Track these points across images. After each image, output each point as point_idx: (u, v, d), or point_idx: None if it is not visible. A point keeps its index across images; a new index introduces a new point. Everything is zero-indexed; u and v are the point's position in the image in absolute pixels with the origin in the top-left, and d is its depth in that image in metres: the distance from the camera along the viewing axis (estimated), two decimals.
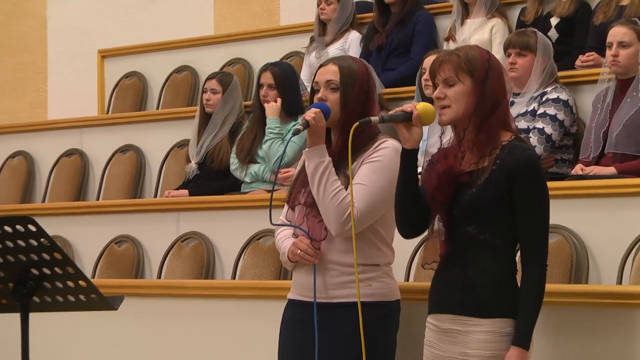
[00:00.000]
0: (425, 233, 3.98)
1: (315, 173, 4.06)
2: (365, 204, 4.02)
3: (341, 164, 4.11)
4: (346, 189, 4.04)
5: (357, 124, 3.89)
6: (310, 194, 4.15)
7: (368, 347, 4.00)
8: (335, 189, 4.03)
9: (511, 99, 5.97)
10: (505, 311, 3.71)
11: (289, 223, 4.30)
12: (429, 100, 4.69)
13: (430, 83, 4.26)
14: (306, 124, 4.03)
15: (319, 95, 4.18)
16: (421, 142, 4.07)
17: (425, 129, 5.58)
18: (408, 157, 3.84)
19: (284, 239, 4.29)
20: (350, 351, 4.07)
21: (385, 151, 4.11)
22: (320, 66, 4.30)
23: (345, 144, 4.05)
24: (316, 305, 4.10)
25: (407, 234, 4.00)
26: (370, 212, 4.04)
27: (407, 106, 3.84)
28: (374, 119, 3.89)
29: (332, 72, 4.20)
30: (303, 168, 4.26)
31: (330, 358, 4.09)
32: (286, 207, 4.35)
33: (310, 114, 4.05)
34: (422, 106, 3.78)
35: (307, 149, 4.11)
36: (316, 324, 4.07)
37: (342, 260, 4.12)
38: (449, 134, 3.92)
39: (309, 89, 4.64)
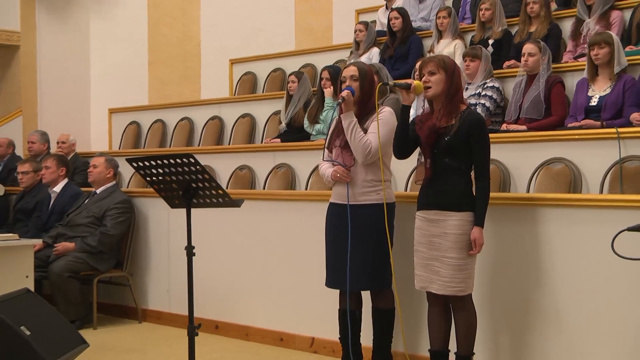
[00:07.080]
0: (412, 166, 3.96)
1: (348, 127, 4.06)
2: (376, 144, 4.01)
3: (359, 122, 4.11)
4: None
5: (380, 83, 4.08)
6: (343, 140, 4.15)
7: (379, 227, 4.02)
8: (361, 136, 4.04)
9: (466, 86, 5.93)
10: (469, 207, 3.73)
11: (330, 159, 4.26)
12: None
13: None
14: (343, 99, 4.05)
15: (347, 83, 4.17)
16: (413, 111, 4.03)
17: (414, 105, 5.59)
18: (405, 110, 3.87)
19: (326, 168, 4.27)
20: (369, 228, 4.05)
21: (385, 114, 4.10)
22: (345, 67, 4.29)
23: (362, 112, 4.16)
24: (349, 205, 4.09)
25: (401, 156, 3.99)
26: (378, 148, 4.00)
27: (409, 80, 3.92)
28: (390, 83, 4.03)
29: (353, 70, 4.19)
30: (335, 127, 4.27)
31: (358, 233, 4.07)
32: (325, 150, 4.30)
33: (345, 93, 4.06)
34: (417, 82, 3.85)
35: (342, 114, 4.10)
36: (349, 216, 4.06)
37: (363, 178, 4.10)
38: (426, 108, 3.95)
39: None
